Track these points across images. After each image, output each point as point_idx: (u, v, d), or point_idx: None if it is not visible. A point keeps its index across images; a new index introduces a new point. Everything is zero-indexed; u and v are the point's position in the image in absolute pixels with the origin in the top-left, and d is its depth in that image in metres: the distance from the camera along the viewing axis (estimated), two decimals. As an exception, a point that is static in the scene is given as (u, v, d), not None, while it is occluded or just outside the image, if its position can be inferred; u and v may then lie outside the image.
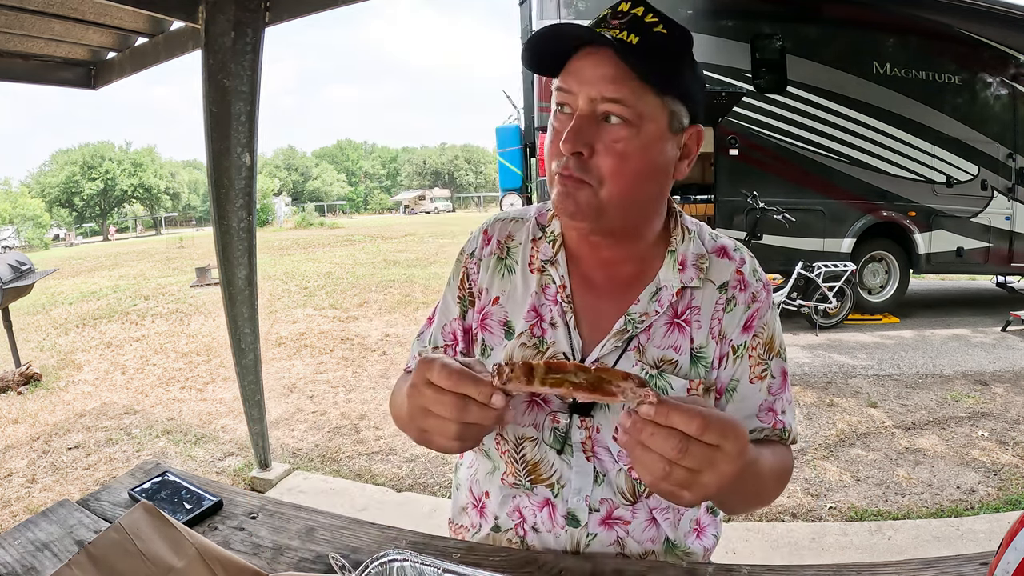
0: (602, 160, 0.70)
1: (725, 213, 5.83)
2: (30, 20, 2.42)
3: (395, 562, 0.63)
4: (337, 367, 4.93)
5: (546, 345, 0.80)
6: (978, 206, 6.19)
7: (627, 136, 0.69)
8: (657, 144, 0.72)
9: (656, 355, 0.78)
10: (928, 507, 2.53)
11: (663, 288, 0.79)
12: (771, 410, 0.80)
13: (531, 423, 0.80)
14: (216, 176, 2.32)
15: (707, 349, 0.79)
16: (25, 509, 2.72)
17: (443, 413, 0.60)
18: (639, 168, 0.71)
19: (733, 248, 0.84)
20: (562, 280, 0.81)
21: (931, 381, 4.14)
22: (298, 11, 2.23)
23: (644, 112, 0.69)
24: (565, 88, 0.72)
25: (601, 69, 0.68)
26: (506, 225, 0.89)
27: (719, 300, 0.80)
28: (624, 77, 0.68)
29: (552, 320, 0.81)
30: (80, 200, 49.23)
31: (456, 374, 0.59)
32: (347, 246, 16.27)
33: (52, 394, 4.47)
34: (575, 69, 0.71)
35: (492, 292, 0.86)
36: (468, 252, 0.90)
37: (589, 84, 0.69)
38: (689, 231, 0.83)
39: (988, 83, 6.21)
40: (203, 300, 8.18)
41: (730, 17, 5.75)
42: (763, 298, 0.81)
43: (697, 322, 0.79)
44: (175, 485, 0.91)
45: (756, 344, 0.80)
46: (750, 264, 0.83)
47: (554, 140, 0.72)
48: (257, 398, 2.72)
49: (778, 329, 0.83)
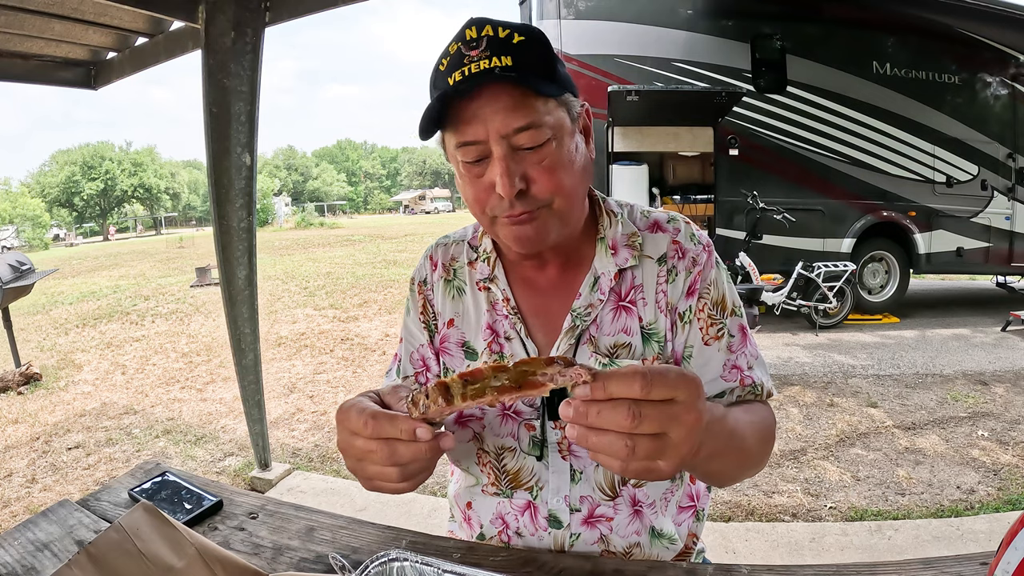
0: (542, 183, 0.70)
1: (725, 213, 5.83)
2: (30, 20, 2.42)
3: (395, 562, 0.63)
4: (337, 367, 4.93)
5: (507, 359, 0.80)
6: (978, 206, 6.18)
7: (551, 151, 0.70)
8: (572, 142, 0.73)
9: (608, 343, 0.79)
10: (928, 507, 2.53)
11: (601, 276, 0.80)
12: (735, 367, 0.79)
13: (508, 433, 0.81)
14: (216, 176, 2.32)
15: (657, 324, 0.79)
16: (25, 509, 2.72)
17: (375, 461, 0.58)
18: (573, 171, 0.72)
19: (667, 220, 0.84)
20: (504, 294, 0.83)
21: (931, 381, 4.14)
22: (298, 11, 2.23)
23: (551, 122, 0.69)
24: (470, 140, 0.69)
25: (497, 103, 0.67)
26: (448, 249, 0.91)
27: (660, 273, 0.80)
28: (522, 101, 0.67)
29: (506, 334, 0.82)
30: (80, 200, 49.24)
31: (372, 419, 0.57)
32: (347, 246, 16.28)
33: (52, 394, 4.47)
34: (469, 116, 0.68)
35: (446, 315, 0.87)
36: (419, 280, 0.91)
37: (494, 123, 0.67)
38: (615, 214, 0.84)
39: (988, 83, 6.21)
40: (203, 300, 8.18)
41: (730, 17, 5.75)
42: (704, 260, 0.81)
43: (642, 300, 0.80)
44: (175, 485, 0.91)
45: (703, 305, 0.80)
46: (685, 231, 0.83)
47: (480, 191, 0.71)
48: (257, 398, 2.72)
49: (728, 287, 0.82)
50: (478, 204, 0.73)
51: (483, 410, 0.82)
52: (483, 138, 0.68)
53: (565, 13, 5.61)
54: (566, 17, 5.61)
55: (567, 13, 5.62)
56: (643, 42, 5.66)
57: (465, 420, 0.83)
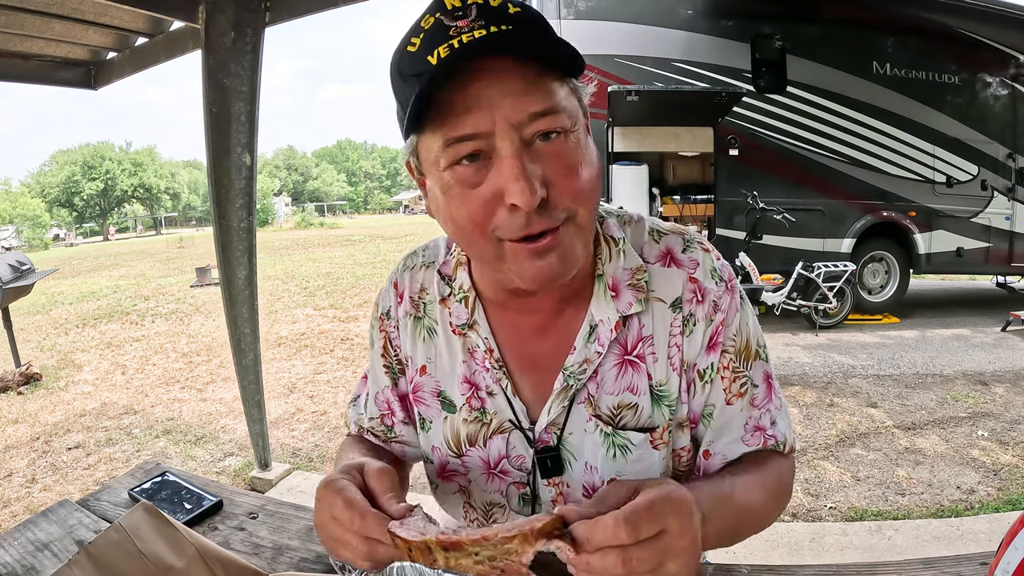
0: (565, 186, 0.55)
1: (725, 213, 5.83)
2: (30, 20, 2.42)
3: (395, 562, 0.63)
4: (337, 367, 4.93)
5: (489, 416, 0.70)
6: (978, 206, 6.18)
7: (570, 148, 0.55)
8: (587, 135, 0.59)
9: (611, 403, 0.67)
10: (928, 507, 2.53)
11: (599, 324, 0.66)
12: (758, 428, 0.69)
13: (496, 490, 0.73)
14: (216, 176, 2.32)
15: (668, 385, 0.67)
16: (25, 509, 2.72)
17: (352, 552, 0.54)
18: (595, 173, 0.58)
19: (682, 248, 0.68)
20: (487, 344, 0.69)
21: (931, 381, 4.14)
22: (298, 11, 2.22)
23: (568, 107, 0.55)
24: (469, 134, 0.52)
25: (508, 82, 0.52)
26: (416, 275, 0.76)
27: (674, 322, 0.67)
28: (537, 79, 0.53)
29: (488, 389, 0.70)
30: (80, 200, 49.25)
31: (359, 518, 0.52)
32: (347, 246, 16.27)
33: (52, 394, 4.47)
34: (467, 102, 0.52)
35: (417, 360, 0.75)
36: (383, 311, 0.78)
37: (503, 108, 0.52)
38: (615, 241, 0.68)
39: (988, 83, 6.21)
40: (203, 300, 8.18)
41: (730, 17, 5.75)
42: (727, 303, 0.67)
43: (652, 355, 0.67)
44: (175, 485, 0.91)
45: (727, 362, 0.67)
46: (705, 263, 0.68)
47: (479, 208, 0.54)
48: (257, 398, 2.72)
49: (753, 329, 0.70)
50: (476, 227, 0.55)
51: (467, 467, 0.73)
52: (487, 130, 0.52)
53: (565, 13, 5.61)
54: (566, 17, 5.62)
55: (567, 13, 5.62)
56: (643, 42, 5.66)
57: (449, 474, 0.75)
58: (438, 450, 0.75)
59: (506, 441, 0.70)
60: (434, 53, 0.51)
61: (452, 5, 0.52)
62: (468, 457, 0.73)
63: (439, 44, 0.51)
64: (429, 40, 0.52)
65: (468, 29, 0.51)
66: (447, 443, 0.74)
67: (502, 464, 0.71)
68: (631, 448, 0.67)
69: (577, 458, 0.69)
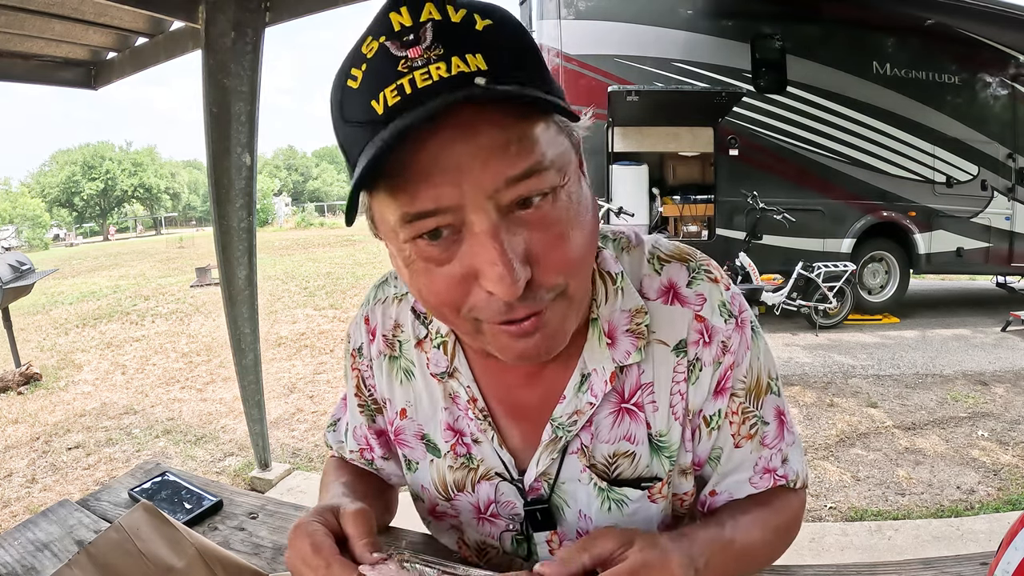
0: (553, 260, 0.45)
1: (725, 213, 5.83)
2: (30, 20, 2.42)
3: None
4: (337, 367, 4.93)
5: (475, 462, 0.66)
6: (978, 206, 6.18)
7: (559, 209, 0.44)
8: (582, 185, 0.48)
9: (607, 452, 0.61)
10: (928, 507, 2.53)
11: (592, 373, 0.59)
12: (767, 470, 0.64)
13: (488, 535, 0.69)
14: (216, 176, 2.32)
15: (669, 435, 0.61)
16: (25, 509, 2.72)
17: None
18: (587, 232, 0.47)
19: (687, 281, 0.60)
20: (470, 392, 0.62)
21: (931, 381, 4.14)
22: (298, 11, 2.22)
23: (556, 159, 0.44)
24: (428, 209, 0.41)
25: (478, 137, 0.40)
26: (388, 310, 0.68)
27: (677, 367, 0.59)
28: (516, 130, 0.41)
29: (473, 436, 0.65)
30: (80, 200, 49.26)
31: (324, 565, 0.49)
32: (347, 246, 16.27)
33: (52, 394, 4.47)
34: (424, 170, 0.40)
35: (396, 403, 0.69)
36: (355, 346, 0.71)
37: (473, 175, 0.40)
38: (612, 278, 0.59)
39: (988, 83, 6.21)
40: (203, 300, 8.18)
41: (730, 17, 5.75)
42: (737, 342, 0.59)
43: (652, 403, 0.60)
44: (175, 485, 0.91)
45: (736, 405, 0.61)
46: (713, 298, 0.59)
47: (449, 288, 0.45)
48: (257, 398, 2.72)
49: (765, 362, 0.63)
50: (448, 307, 0.46)
51: (456, 510, 0.69)
52: (453, 203, 0.41)
53: (565, 13, 5.61)
54: (566, 17, 5.62)
55: (567, 13, 5.62)
56: (643, 42, 5.66)
57: (440, 515, 0.71)
58: (427, 490, 0.71)
59: (495, 488, 0.66)
60: (379, 97, 0.40)
61: (400, 25, 0.40)
62: (457, 501, 0.69)
63: (386, 84, 0.40)
64: (373, 75, 0.41)
65: (423, 63, 0.39)
66: (435, 486, 0.70)
67: (492, 509, 0.67)
68: (627, 503, 0.63)
69: (571, 505, 0.64)
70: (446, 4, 0.41)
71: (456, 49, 0.40)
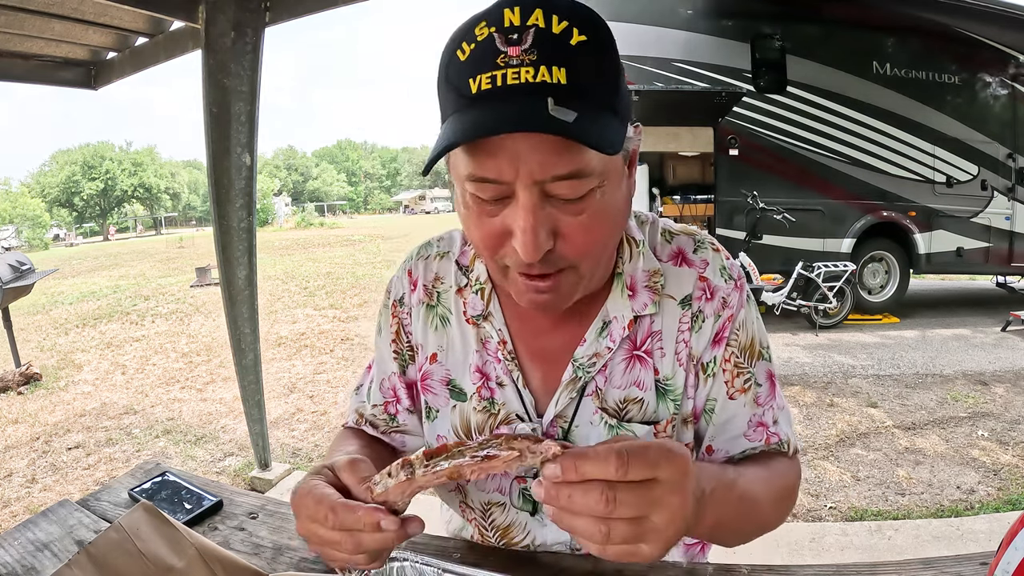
0: (573, 243, 0.55)
1: (725, 213, 5.83)
2: (30, 20, 2.42)
3: (395, 562, 0.63)
4: (337, 367, 4.93)
5: (497, 407, 0.71)
6: (978, 206, 6.19)
7: (593, 203, 0.54)
8: (620, 186, 0.58)
9: (618, 396, 0.69)
10: (928, 507, 2.53)
11: (612, 320, 0.68)
12: (760, 424, 0.70)
13: (495, 488, 0.73)
14: (216, 176, 2.32)
15: (674, 380, 0.69)
16: (25, 509, 2.72)
17: (341, 551, 0.52)
18: (612, 225, 0.58)
19: (693, 249, 0.71)
20: (500, 335, 0.70)
21: (931, 381, 4.14)
22: (298, 11, 2.22)
23: (600, 168, 0.53)
24: (490, 178, 0.52)
25: (540, 140, 0.49)
26: (430, 264, 0.77)
27: (683, 318, 0.68)
28: (570, 143, 0.50)
29: (499, 379, 0.71)
30: (80, 200, 49.30)
31: (332, 512, 0.51)
32: (347, 246, 16.28)
33: (52, 394, 4.47)
34: (494, 146, 0.50)
35: (428, 348, 0.75)
36: (395, 297, 0.78)
37: (528, 164, 0.50)
38: (636, 243, 0.70)
39: (988, 83, 6.22)
40: (203, 300, 8.18)
41: (730, 17, 5.75)
42: (735, 300, 0.69)
43: (660, 350, 0.69)
44: (175, 485, 0.91)
45: (730, 355, 0.69)
46: (715, 263, 0.70)
47: (491, 235, 0.56)
48: (257, 398, 2.72)
49: (758, 328, 0.72)
50: (486, 248, 0.58)
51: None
52: (508, 179, 0.52)
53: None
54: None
55: (567, 13, 5.62)
56: (643, 42, 5.66)
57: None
58: (444, 439, 0.75)
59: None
60: (476, 79, 0.49)
61: (510, 22, 0.49)
62: None
63: (484, 70, 0.49)
64: (477, 57, 0.49)
65: (517, 63, 0.48)
66: (454, 431, 0.74)
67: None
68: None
69: None
70: (552, 14, 0.49)
71: (547, 59, 0.48)
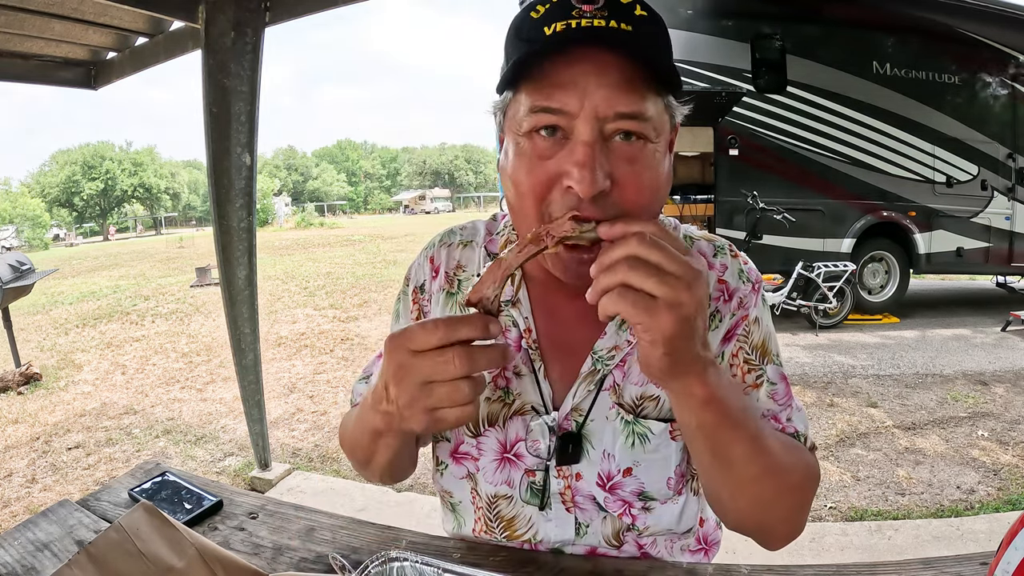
0: (629, 188, 0.56)
1: (725, 213, 5.83)
2: (30, 20, 2.42)
3: (395, 562, 0.63)
4: (337, 367, 4.93)
5: (512, 396, 0.71)
6: (978, 206, 6.18)
7: (645, 156, 0.56)
8: (666, 157, 0.60)
9: (635, 392, 0.69)
10: (928, 507, 2.53)
11: None
12: (775, 419, 0.70)
13: (504, 480, 0.73)
14: (216, 176, 2.32)
15: None
16: (25, 509, 2.72)
17: (452, 373, 0.50)
18: (660, 191, 0.59)
19: (713, 253, 0.73)
20: (527, 323, 0.71)
21: (931, 381, 4.14)
22: (298, 11, 2.23)
23: (657, 122, 0.57)
24: (555, 107, 0.54)
25: (606, 74, 0.53)
26: (453, 252, 0.78)
27: None
28: (637, 82, 0.54)
29: (516, 369, 0.71)
30: (80, 200, 49.30)
31: (441, 325, 0.50)
32: (347, 246, 16.28)
33: (52, 394, 4.47)
34: (563, 79, 0.54)
35: None
36: (416, 284, 0.79)
37: (594, 97, 0.53)
38: None
39: (988, 83, 6.21)
40: (203, 300, 8.18)
41: (730, 17, 5.75)
42: (750, 301, 0.71)
43: None
44: (175, 485, 0.91)
45: (738, 349, 0.70)
46: (733, 266, 0.73)
47: (541, 179, 0.56)
48: (257, 398, 2.72)
49: (771, 332, 0.72)
50: (533, 195, 0.57)
51: (480, 450, 0.73)
52: (573, 110, 0.54)
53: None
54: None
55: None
56: (643, 42, 5.65)
57: (461, 456, 0.75)
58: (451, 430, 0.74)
59: (525, 425, 0.71)
60: (551, 26, 0.53)
61: None
62: (485, 438, 0.73)
63: (558, 20, 0.53)
64: (552, 12, 0.54)
65: (590, 15, 0.53)
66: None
67: (518, 447, 0.72)
68: (650, 437, 0.69)
69: (596, 445, 0.69)
70: None
71: (616, 16, 0.53)
